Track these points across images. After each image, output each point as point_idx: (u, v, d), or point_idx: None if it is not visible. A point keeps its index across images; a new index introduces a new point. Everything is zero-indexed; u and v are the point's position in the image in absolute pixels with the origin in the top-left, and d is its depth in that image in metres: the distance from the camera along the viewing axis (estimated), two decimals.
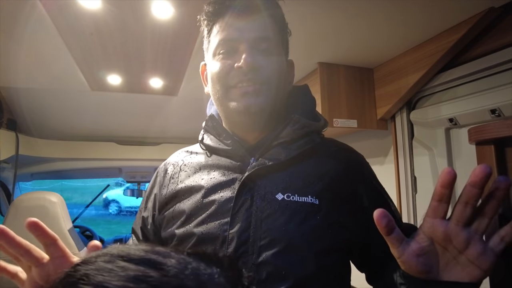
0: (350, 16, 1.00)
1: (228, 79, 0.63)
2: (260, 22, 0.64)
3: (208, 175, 0.67)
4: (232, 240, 0.58)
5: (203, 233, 0.61)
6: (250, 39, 0.63)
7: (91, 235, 2.74)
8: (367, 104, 1.45)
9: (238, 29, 0.63)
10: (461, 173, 1.25)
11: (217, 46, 0.65)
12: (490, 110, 1.02)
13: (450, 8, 0.95)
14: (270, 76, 0.63)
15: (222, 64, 0.64)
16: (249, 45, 0.63)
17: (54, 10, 0.95)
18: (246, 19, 0.63)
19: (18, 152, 1.81)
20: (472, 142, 0.49)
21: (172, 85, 1.59)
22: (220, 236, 0.59)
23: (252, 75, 0.62)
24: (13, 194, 2.03)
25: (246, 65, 0.61)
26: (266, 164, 0.62)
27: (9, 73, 1.45)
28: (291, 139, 0.64)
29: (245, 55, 0.61)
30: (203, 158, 0.72)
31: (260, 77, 0.62)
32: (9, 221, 1.58)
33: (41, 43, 1.17)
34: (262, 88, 0.63)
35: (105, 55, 1.26)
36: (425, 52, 1.16)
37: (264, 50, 0.64)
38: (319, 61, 1.38)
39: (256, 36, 0.63)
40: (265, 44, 0.64)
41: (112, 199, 10.37)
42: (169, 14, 0.97)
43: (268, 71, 0.63)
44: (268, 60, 0.64)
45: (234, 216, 0.60)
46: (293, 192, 0.61)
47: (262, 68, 0.62)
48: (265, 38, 0.64)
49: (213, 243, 0.60)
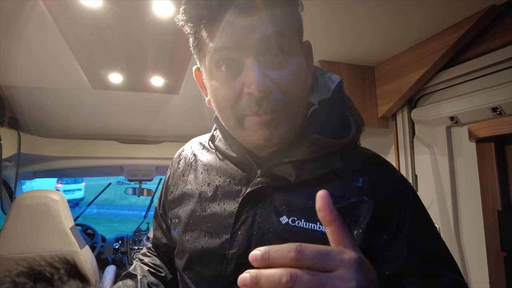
0: (352, 14, 1.00)
1: (239, 108, 0.51)
2: (268, 16, 0.47)
3: (214, 181, 0.63)
4: (231, 261, 0.55)
5: (203, 247, 0.58)
6: (259, 46, 0.48)
7: (93, 233, 2.75)
8: (368, 102, 1.45)
9: (238, 34, 0.48)
10: (462, 172, 1.24)
11: (214, 60, 0.51)
12: (491, 108, 1.01)
13: (452, 6, 0.95)
14: (289, 94, 0.50)
15: (227, 89, 0.51)
16: (257, 57, 0.48)
17: (55, 8, 0.95)
18: (246, 16, 0.47)
19: (20, 150, 1.82)
20: (472, 140, 0.49)
21: (173, 83, 1.59)
22: (220, 253, 0.56)
23: (267, 101, 0.49)
24: (15, 192, 2.04)
25: (259, 92, 0.47)
26: (273, 182, 0.55)
27: (11, 71, 1.45)
28: (305, 159, 0.54)
29: (255, 78, 0.47)
30: (213, 158, 0.67)
31: (277, 101, 0.49)
32: (11, 219, 1.59)
33: (43, 42, 1.17)
34: (281, 116, 0.50)
35: (107, 54, 1.26)
36: (427, 50, 1.16)
37: (279, 58, 0.49)
38: (320, 59, 1.38)
39: (267, 39, 0.47)
40: (279, 47, 0.49)
41: None
42: (170, 13, 0.97)
43: (285, 88, 0.50)
44: (285, 72, 0.50)
45: (234, 235, 0.55)
46: (300, 217, 0.52)
47: (277, 87, 0.49)
48: (279, 37, 0.48)
49: (212, 259, 0.57)
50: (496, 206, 0.64)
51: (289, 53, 0.50)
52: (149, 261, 0.77)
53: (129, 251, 2.70)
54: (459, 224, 1.19)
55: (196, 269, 0.59)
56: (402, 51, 1.28)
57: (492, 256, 0.70)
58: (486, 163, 0.64)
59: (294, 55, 0.51)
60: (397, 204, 0.53)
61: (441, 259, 0.53)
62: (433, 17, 1.02)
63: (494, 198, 0.65)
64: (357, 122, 0.61)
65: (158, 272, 0.75)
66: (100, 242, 2.66)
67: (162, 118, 2.16)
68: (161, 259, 0.79)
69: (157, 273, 0.74)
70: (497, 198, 0.65)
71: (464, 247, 1.16)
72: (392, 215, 0.52)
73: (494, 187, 0.67)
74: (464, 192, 1.17)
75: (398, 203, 0.54)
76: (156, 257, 0.79)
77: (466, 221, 1.16)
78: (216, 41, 0.49)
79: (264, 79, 0.48)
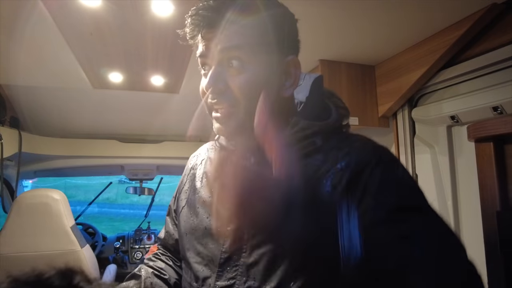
0: (352, 13, 1.00)
1: (205, 101, 0.62)
2: (230, 30, 0.57)
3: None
4: (229, 237, 0.60)
5: (206, 228, 0.65)
6: (216, 54, 0.58)
7: (93, 232, 2.75)
8: (368, 102, 1.45)
9: (205, 45, 0.59)
10: (462, 171, 1.24)
11: (199, 61, 0.63)
12: (492, 107, 1.01)
13: (452, 4, 0.94)
14: (240, 97, 0.58)
15: (202, 84, 0.62)
16: (217, 61, 0.58)
17: (55, 9, 0.96)
18: (213, 31, 0.57)
19: (21, 149, 1.83)
20: (471, 139, 0.49)
21: (173, 82, 1.59)
22: (220, 230, 0.60)
23: (218, 99, 0.59)
24: (16, 192, 2.05)
25: (207, 90, 0.58)
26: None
27: (12, 71, 1.46)
28: (290, 141, 0.61)
29: (209, 78, 0.58)
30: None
31: (228, 100, 0.58)
32: (12, 218, 1.60)
33: (43, 42, 1.18)
34: (232, 111, 0.59)
35: (107, 53, 1.26)
36: (427, 49, 1.16)
37: (236, 62, 0.58)
38: (321, 59, 1.38)
39: (223, 47, 0.57)
40: (235, 56, 0.57)
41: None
42: (169, 12, 0.97)
43: (237, 92, 0.58)
44: (240, 78, 0.58)
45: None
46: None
47: (229, 89, 0.58)
48: (234, 47, 0.57)
49: (213, 237, 0.63)
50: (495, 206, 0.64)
51: (245, 62, 0.58)
52: (154, 264, 0.81)
53: (130, 250, 2.70)
54: (460, 223, 1.19)
55: (198, 249, 0.65)
56: (402, 50, 1.28)
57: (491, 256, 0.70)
58: (485, 162, 0.64)
59: (251, 64, 0.58)
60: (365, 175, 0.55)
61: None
62: (433, 16, 1.01)
63: (493, 198, 0.65)
64: (340, 112, 0.66)
65: (162, 274, 0.78)
66: (101, 241, 2.67)
67: (163, 117, 2.17)
68: (166, 263, 0.83)
69: (160, 275, 0.78)
70: (496, 198, 0.65)
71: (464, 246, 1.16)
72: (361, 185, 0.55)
73: (493, 187, 0.66)
74: (464, 191, 1.17)
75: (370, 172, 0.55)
76: (162, 261, 0.83)
77: (467, 220, 1.16)
78: (198, 50, 0.61)
79: (216, 82, 0.58)
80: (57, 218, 1.64)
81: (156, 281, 0.75)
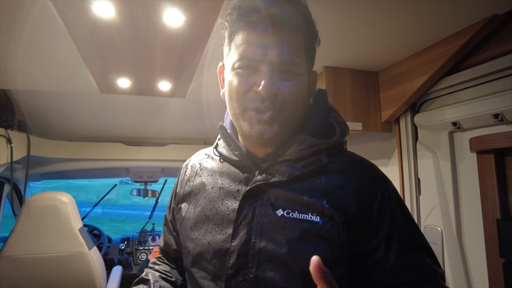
0: (356, 21, 1.02)
1: (246, 100, 0.62)
2: (287, 43, 0.59)
3: (217, 183, 0.70)
4: (233, 253, 0.61)
5: (209, 243, 0.64)
6: (273, 61, 0.59)
7: (99, 234, 2.78)
8: (372, 107, 1.48)
9: (262, 48, 0.59)
10: (464, 176, 1.26)
11: (238, 60, 0.62)
12: (493, 114, 1.04)
13: (454, 14, 0.97)
14: (288, 101, 0.61)
15: (241, 83, 0.62)
16: (271, 68, 0.59)
17: (67, 15, 0.98)
18: (271, 38, 0.59)
19: (29, 153, 1.86)
20: (473, 151, 0.51)
21: (180, 88, 1.62)
22: (224, 247, 0.62)
23: (269, 101, 0.60)
24: (25, 194, 2.08)
25: (265, 92, 0.58)
26: (269, 180, 0.63)
27: (21, 76, 1.48)
28: (296, 158, 0.64)
29: (264, 81, 0.58)
30: (217, 164, 0.75)
31: (277, 104, 0.60)
32: (22, 220, 1.63)
33: (53, 48, 1.20)
34: (277, 115, 0.61)
35: (116, 60, 1.29)
36: (430, 57, 1.18)
37: (287, 73, 0.61)
38: (325, 65, 1.41)
39: (280, 60, 0.59)
40: (288, 67, 0.61)
41: None
42: (180, 22, 1.00)
43: (286, 97, 0.61)
44: (289, 85, 0.61)
45: (236, 229, 0.62)
46: (293, 209, 0.60)
47: (280, 94, 0.60)
48: (290, 62, 0.60)
49: (217, 253, 0.63)
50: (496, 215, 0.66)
51: (295, 72, 0.62)
52: (159, 268, 0.83)
53: (135, 251, 2.73)
54: (461, 228, 1.21)
55: (203, 265, 0.65)
56: (405, 57, 1.30)
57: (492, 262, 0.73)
58: (486, 173, 0.67)
59: (300, 75, 0.63)
60: (377, 203, 0.62)
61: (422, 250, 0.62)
62: (436, 25, 1.04)
63: (494, 207, 0.68)
64: (342, 128, 0.69)
65: (169, 277, 0.80)
66: (106, 242, 2.69)
67: (168, 121, 2.20)
68: (171, 266, 0.85)
69: (167, 278, 0.80)
70: (496, 207, 0.67)
71: (466, 251, 1.18)
72: (374, 212, 0.61)
73: (493, 196, 0.69)
74: (466, 196, 1.20)
75: (378, 202, 0.62)
76: (166, 264, 0.85)
77: (468, 225, 1.19)
78: (244, 48, 0.61)
79: (271, 84, 0.59)
80: (65, 220, 1.67)
81: (164, 284, 0.77)
